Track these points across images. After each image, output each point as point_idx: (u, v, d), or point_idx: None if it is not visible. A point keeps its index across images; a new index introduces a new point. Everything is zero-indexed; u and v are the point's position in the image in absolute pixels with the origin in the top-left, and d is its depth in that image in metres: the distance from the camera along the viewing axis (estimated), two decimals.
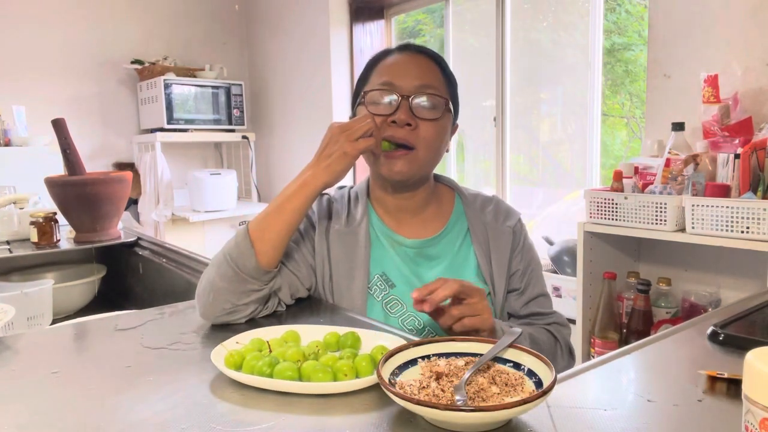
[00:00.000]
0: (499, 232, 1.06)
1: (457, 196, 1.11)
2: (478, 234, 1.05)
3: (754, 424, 0.41)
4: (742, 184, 1.49)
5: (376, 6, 3.44)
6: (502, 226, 1.07)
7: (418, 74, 0.98)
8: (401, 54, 1.01)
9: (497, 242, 1.05)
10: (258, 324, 0.86)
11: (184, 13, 3.86)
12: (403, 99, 0.96)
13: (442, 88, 1.00)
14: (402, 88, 0.96)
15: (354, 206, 1.07)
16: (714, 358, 0.70)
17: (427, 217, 1.07)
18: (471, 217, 1.07)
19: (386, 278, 1.01)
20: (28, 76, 3.31)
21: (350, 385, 0.61)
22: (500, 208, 1.10)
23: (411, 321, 0.99)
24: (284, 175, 3.95)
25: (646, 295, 1.75)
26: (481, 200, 1.11)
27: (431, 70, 1.00)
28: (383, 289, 1.00)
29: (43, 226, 1.59)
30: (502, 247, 1.05)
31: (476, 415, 0.50)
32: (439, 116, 0.98)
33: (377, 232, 1.05)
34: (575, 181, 2.67)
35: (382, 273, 1.01)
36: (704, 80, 1.70)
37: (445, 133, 1.01)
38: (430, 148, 0.98)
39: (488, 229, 1.06)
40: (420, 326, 0.99)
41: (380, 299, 0.99)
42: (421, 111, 0.97)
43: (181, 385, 0.65)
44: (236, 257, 0.87)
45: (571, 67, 2.67)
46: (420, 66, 0.99)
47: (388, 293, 1.00)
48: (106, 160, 3.63)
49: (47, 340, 0.85)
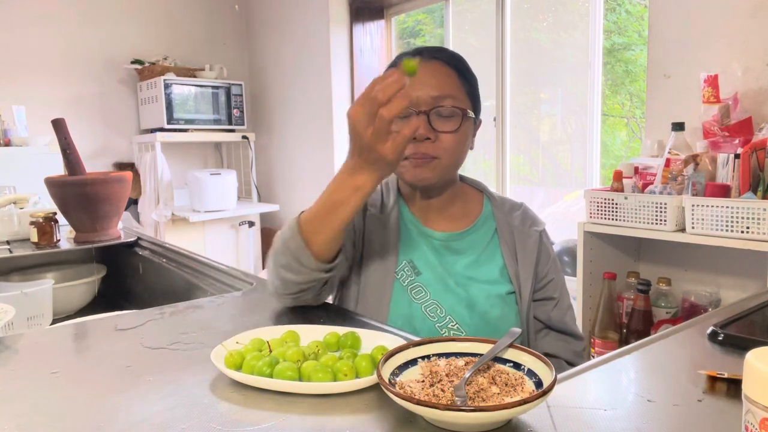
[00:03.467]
0: (526, 235, 1.08)
1: (486, 197, 1.14)
2: (505, 235, 1.07)
3: (754, 424, 0.41)
4: (742, 184, 1.49)
5: (376, 6, 3.44)
6: (529, 230, 1.09)
7: (435, 84, 0.98)
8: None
9: (524, 244, 1.07)
10: (260, 324, 0.86)
11: (184, 13, 3.86)
12: (420, 115, 0.96)
13: (460, 95, 1.00)
14: (419, 100, 0.97)
15: (386, 195, 1.10)
16: (714, 358, 0.70)
17: (454, 214, 1.09)
18: (499, 218, 1.09)
19: (413, 266, 1.03)
20: (28, 76, 3.31)
21: (350, 385, 0.61)
22: (528, 214, 1.12)
23: (433, 309, 1.01)
24: (284, 175, 3.95)
25: (646, 295, 1.75)
26: (510, 204, 1.13)
27: (448, 77, 1.00)
28: (409, 275, 1.03)
29: (43, 226, 1.58)
30: (529, 249, 1.07)
31: (476, 415, 0.50)
32: (458, 126, 0.98)
33: (406, 222, 1.08)
34: (575, 181, 2.67)
35: (410, 260, 1.04)
36: (704, 80, 1.70)
37: (466, 137, 1.02)
38: (453, 154, 1.00)
39: (515, 232, 1.08)
40: (442, 314, 1.01)
41: (406, 284, 1.02)
42: (440, 124, 0.97)
43: (181, 385, 0.65)
44: (294, 251, 0.87)
45: (571, 67, 2.67)
46: (436, 75, 0.99)
47: (413, 280, 1.02)
48: (106, 160, 3.63)
49: (47, 340, 0.85)
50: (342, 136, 3.52)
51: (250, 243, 3.71)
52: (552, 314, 1.07)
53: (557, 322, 1.07)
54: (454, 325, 1.00)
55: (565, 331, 1.08)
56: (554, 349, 1.06)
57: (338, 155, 3.51)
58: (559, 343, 1.07)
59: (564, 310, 1.09)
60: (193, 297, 1.25)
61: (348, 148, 0.82)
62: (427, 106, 0.96)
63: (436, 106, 0.96)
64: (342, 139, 3.52)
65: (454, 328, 1.00)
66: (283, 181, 3.98)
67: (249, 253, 3.71)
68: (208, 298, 1.05)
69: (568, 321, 1.09)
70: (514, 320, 1.03)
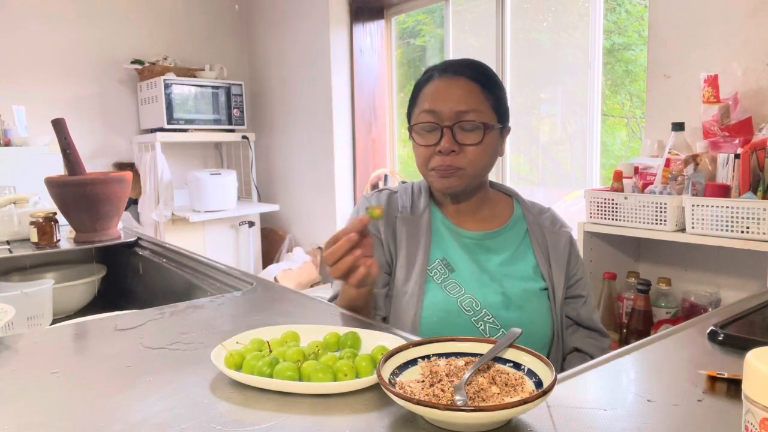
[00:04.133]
0: (557, 235, 1.12)
1: (516, 201, 1.17)
2: (537, 235, 1.11)
3: (754, 424, 0.41)
4: (742, 184, 1.49)
5: (376, 6, 3.44)
6: (560, 231, 1.13)
7: (459, 99, 1.02)
8: (441, 78, 1.06)
9: (555, 244, 1.11)
10: (260, 324, 0.86)
11: (184, 13, 3.86)
12: (445, 128, 1.01)
13: (484, 107, 1.03)
14: (443, 115, 1.02)
15: (417, 198, 1.14)
16: (714, 358, 0.70)
17: (485, 216, 1.13)
18: (530, 221, 1.13)
19: (447, 263, 1.07)
20: (28, 76, 3.31)
21: (350, 385, 0.61)
22: (556, 217, 1.17)
23: (469, 302, 1.03)
24: (284, 175, 3.95)
25: (646, 295, 1.75)
26: (539, 208, 1.18)
27: (471, 91, 1.03)
28: (443, 272, 1.06)
29: (43, 226, 1.58)
30: (561, 248, 1.11)
31: (476, 415, 0.50)
32: (481, 139, 1.02)
33: (439, 223, 1.11)
34: (575, 181, 2.67)
35: (443, 258, 1.07)
36: (704, 80, 1.70)
37: (492, 147, 1.06)
38: (477, 165, 1.04)
39: (546, 233, 1.12)
40: (478, 308, 1.03)
41: (440, 281, 1.05)
42: (463, 137, 1.02)
43: (181, 385, 0.65)
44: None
45: (571, 67, 2.67)
46: (460, 90, 1.03)
47: (447, 276, 1.05)
48: (106, 160, 3.63)
49: (47, 340, 0.85)
50: (342, 136, 3.52)
51: (250, 243, 3.71)
52: (581, 311, 1.11)
53: (586, 319, 1.11)
54: (490, 319, 1.02)
55: (593, 328, 1.12)
56: (583, 345, 1.10)
57: (338, 155, 3.51)
58: (588, 339, 1.11)
59: (592, 308, 1.13)
60: (193, 297, 1.25)
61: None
62: (450, 120, 1.02)
63: (459, 120, 1.01)
64: (342, 139, 3.52)
65: (489, 321, 1.02)
66: (283, 181, 3.98)
67: (249, 253, 3.71)
68: (208, 298, 1.05)
69: (596, 318, 1.13)
70: (547, 316, 1.06)
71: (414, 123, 1.07)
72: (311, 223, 3.77)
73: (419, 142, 1.06)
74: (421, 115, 1.05)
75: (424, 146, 1.05)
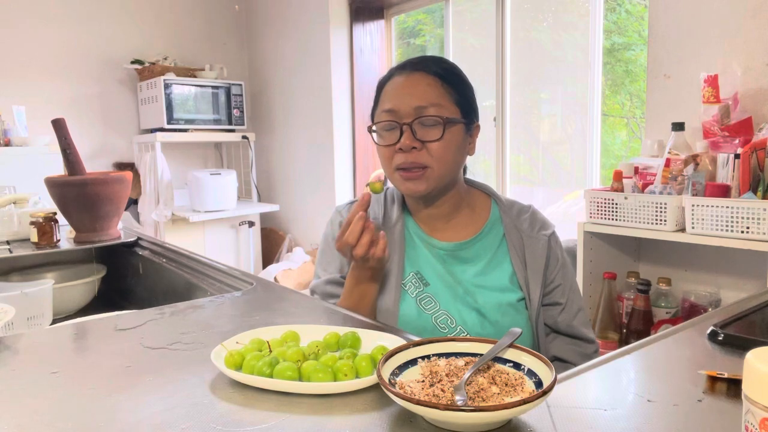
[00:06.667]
0: (535, 240, 1.07)
1: (494, 202, 1.13)
2: (513, 240, 1.07)
3: (754, 424, 0.41)
4: (742, 184, 1.49)
5: (376, 6, 3.44)
6: (538, 234, 1.08)
7: (418, 94, 0.99)
8: (400, 76, 1.03)
9: (533, 250, 1.06)
10: (260, 324, 0.86)
11: (184, 13, 3.86)
12: (404, 125, 0.98)
13: (445, 102, 1.00)
14: (401, 113, 0.99)
15: (390, 207, 1.11)
16: (714, 358, 0.70)
17: (460, 222, 1.09)
18: (507, 223, 1.08)
19: (420, 276, 1.04)
20: (28, 76, 3.31)
21: (350, 385, 0.61)
22: (536, 217, 1.11)
23: (444, 319, 1.01)
24: (284, 175, 3.95)
25: (646, 295, 1.75)
26: (518, 208, 1.12)
27: (430, 86, 1.00)
28: (417, 286, 1.04)
29: (43, 226, 1.58)
30: (538, 255, 1.06)
31: (476, 415, 0.50)
32: (442, 134, 0.99)
33: (412, 234, 1.08)
34: (575, 181, 2.67)
35: (417, 271, 1.05)
36: (704, 80, 1.70)
37: (455, 144, 1.01)
38: (443, 161, 1.00)
39: (524, 237, 1.07)
40: (453, 324, 1.01)
41: (414, 296, 1.03)
42: (423, 134, 0.99)
43: (181, 385, 0.65)
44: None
45: (571, 67, 2.67)
46: (419, 85, 1.01)
47: (422, 290, 1.03)
48: (106, 160, 3.63)
49: (47, 340, 0.85)
50: (341, 136, 3.52)
51: (250, 243, 3.71)
52: (558, 319, 1.07)
53: (565, 327, 1.07)
54: (466, 335, 1.00)
55: (574, 335, 1.07)
56: (563, 353, 1.07)
57: (338, 155, 3.51)
58: (568, 346, 1.07)
59: (572, 314, 1.08)
60: (193, 297, 1.25)
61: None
62: (409, 117, 0.99)
63: (419, 116, 0.98)
64: (342, 139, 3.52)
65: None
66: (283, 181, 3.98)
67: (249, 253, 3.71)
68: (208, 298, 1.05)
69: (577, 325, 1.08)
70: (524, 327, 1.03)
71: (374, 123, 1.04)
72: (311, 223, 3.77)
73: (380, 143, 1.03)
74: (381, 114, 1.02)
75: (384, 146, 1.01)
